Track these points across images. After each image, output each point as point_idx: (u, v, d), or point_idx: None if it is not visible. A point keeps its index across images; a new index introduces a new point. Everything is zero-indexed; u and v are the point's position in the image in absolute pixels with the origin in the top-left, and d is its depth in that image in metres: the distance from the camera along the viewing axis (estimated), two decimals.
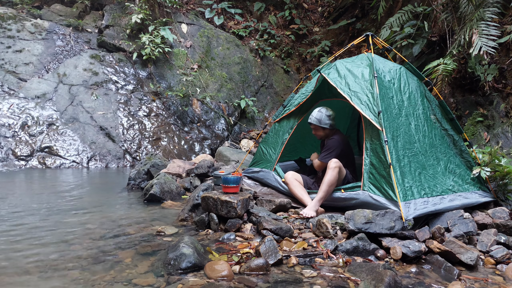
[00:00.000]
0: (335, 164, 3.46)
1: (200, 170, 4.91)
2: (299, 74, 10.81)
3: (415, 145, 3.37)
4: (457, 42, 4.81)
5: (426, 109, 3.66)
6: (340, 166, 3.52)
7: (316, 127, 3.92)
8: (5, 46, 8.08)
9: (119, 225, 3.37)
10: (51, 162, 6.95)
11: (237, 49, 10.04)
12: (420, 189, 3.14)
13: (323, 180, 3.45)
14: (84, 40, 8.97)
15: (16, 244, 2.85)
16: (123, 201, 4.51)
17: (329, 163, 3.50)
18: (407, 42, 6.16)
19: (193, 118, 8.55)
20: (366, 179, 3.28)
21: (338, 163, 3.49)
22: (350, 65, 3.81)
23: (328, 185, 3.43)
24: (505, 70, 4.91)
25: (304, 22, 11.30)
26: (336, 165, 3.46)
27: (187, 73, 8.89)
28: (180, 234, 3.10)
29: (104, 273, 2.29)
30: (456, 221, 2.93)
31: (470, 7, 4.92)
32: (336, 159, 3.52)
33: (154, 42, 8.49)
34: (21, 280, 2.23)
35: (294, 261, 2.47)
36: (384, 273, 2.05)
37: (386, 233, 2.70)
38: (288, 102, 4.43)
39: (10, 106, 7.32)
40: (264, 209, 3.41)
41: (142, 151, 7.64)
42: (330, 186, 3.44)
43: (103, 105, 7.97)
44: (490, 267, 2.54)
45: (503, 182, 3.65)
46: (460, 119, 5.25)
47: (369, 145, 3.36)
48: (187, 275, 2.23)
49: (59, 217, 3.66)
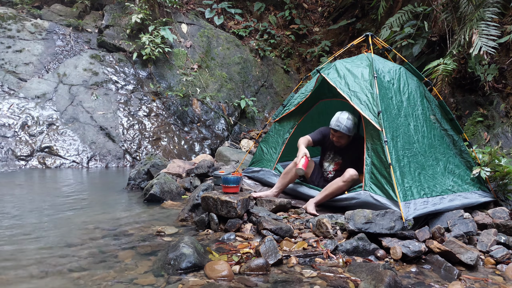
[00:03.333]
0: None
1: (200, 170, 4.91)
2: (299, 74, 10.81)
3: (414, 146, 3.37)
4: (457, 42, 4.81)
5: (425, 110, 3.66)
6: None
7: (343, 135, 3.69)
8: (5, 46, 8.08)
9: (119, 225, 3.37)
10: (51, 162, 6.95)
11: (237, 49, 10.04)
12: (419, 189, 3.14)
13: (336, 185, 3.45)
14: (84, 40, 8.97)
15: (16, 244, 2.85)
16: (123, 201, 4.51)
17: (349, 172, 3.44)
18: (407, 42, 6.16)
19: (193, 118, 8.55)
20: (367, 179, 3.29)
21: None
22: (350, 65, 3.81)
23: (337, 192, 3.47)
24: (505, 70, 4.91)
25: (304, 22, 11.30)
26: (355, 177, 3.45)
27: (187, 73, 8.89)
28: (180, 234, 3.10)
29: (104, 273, 2.29)
30: (456, 221, 2.93)
31: (470, 7, 4.92)
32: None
33: (154, 42, 8.49)
34: (21, 280, 2.23)
35: (294, 261, 2.47)
36: (384, 273, 2.05)
37: (386, 233, 2.70)
38: (288, 102, 4.43)
39: (10, 106, 7.32)
40: (264, 209, 3.41)
41: (142, 151, 7.64)
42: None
43: (103, 105, 7.97)
44: (490, 267, 2.54)
45: (503, 182, 3.65)
46: (460, 119, 5.25)
47: (370, 145, 3.36)
48: (187, 275, 2.23)
49: (59, 217, 3.66)
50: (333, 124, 3.66)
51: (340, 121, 3.62)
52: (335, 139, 3.76)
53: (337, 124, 3.63)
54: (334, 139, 3.77)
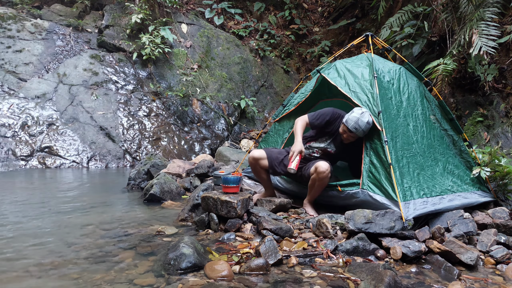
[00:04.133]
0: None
1: (200, 170, 4.91)
2: (299, 74, 10.81)
3: (414, 146, 3.37)
4: (457, 42, 4.82)
5: (425, 110, 3.66)
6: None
7: (355, 136, 3.42)
8: (5, 46, 8.08)
9: (119, 225, 3.37)
10: (51, 162, 6.95)
11: (237, 49, 10.04)
12: (419, 190, 3.14)
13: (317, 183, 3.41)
14: (84, 40, 8.97)
15: (16, 244, 2.85)
16: (123, 201, 4.51)
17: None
18: (407, 42, 6.16)
19: (193, 118, 8.55)
20: (365, 177, 3.28)
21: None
22: (350, 65, 3.81)
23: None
24: (505, 70, 4.92)
25: (304, 22, 11.30)
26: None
27: (187, 73, 8.89)
28: (180, 234, 3.10)
29: (104, 273, 2.29)
30: (456, 221, 2.93)
31: (470, 7, 4.92)
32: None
33: (154, 42, 8.50)
34: (21, 280, 2.23)
35: (294, 261, 2.47)
36: (384, 273, 2.05)
37: (386, 233, 2.70)
38: (288, 102, 4.43)
39: (10, 106, 7.32)
40: (264, 209, 3.41)
41: (142, 151, 7.64)
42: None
43: (103, 105, 7.97)
44: (490, 267, 2.54)
45: (503, 182, 3.65)
46: (460, 119, 5.25)
47: (369, 145, 3.36)
48: (187, 275, 2.23)
49: (59, 217, 3.65)
50: (350, 125, 3.32)
51: (360, 124, 3.28)
52: (346, 136, 3.46)
53: (355, 127, 3.30)
54: (345, 136, 3.47)
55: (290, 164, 3.33)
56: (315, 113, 3.62)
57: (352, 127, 3.32)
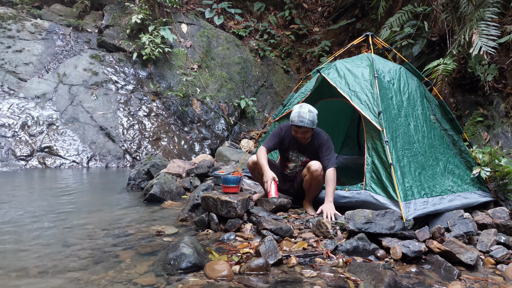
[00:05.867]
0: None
1: (200, 170, 4.91)
2: (299, 74, 10.81)
3: (414, 146, 3.37)
4: (457, 42, 4.82)
5: (425, 110, 3.66)
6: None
7: (308, 130, 3.38)
8: (5, 46, 8.09)
9: (119, 225, 3.37)
10: (51, 162, 6.95)
11: (237, 49, 10.04)
12: (420, 189, 3.14)
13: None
14: (84, 40, 8.97)
15: (16, 244, 2.85)
16: (123, 201, 4.51)
17: (330, 169, 3.36)
18: (407, 42, 6.16)
19: (193, 118, 8.55)
20: (368, 178, 3.28)
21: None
22: (350, 65, 3.81)
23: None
24: (505, 70, 4.92)
25: (304, 22, 11.30)
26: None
27: (187, 73, 8.89)
28: (180, 234, 3.10)
29: (104, 273, 2.29)
30: (456, 221, 2.93)
31: (470, 7, 4.92)
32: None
33: (154, 42, 8.50)
34: (21, 280, 2.23)
35: (294, 261, 2.46)
36: (384, 273, 2.05)
37: (386, 233, 2.70)
38: (288, 102, 4.43)
39: (10, 106, 7.32)
40: (264, 209, 3.41)
41: (142, 151, 7.64)
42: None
43: (103, 105, 7.97)
44: (490, 267, 2.54)
45: (503, 182, 3.65)
46: (460, 119, 5.25)
47: (371, 145, 3.36)
48: (187, 275, 2.23)
49: (59, 217, 3.65)
50: (295, 121, 3.32)
51: (302, 115, 3.28)
52: (300, 135, 3.43)
53: (300, 120, 3.29)
54: (299, 136, 3.43)
55: (269, 194, 3.23)
56: (267, 139, 3.64)
57: (298, 122, 3.31)
